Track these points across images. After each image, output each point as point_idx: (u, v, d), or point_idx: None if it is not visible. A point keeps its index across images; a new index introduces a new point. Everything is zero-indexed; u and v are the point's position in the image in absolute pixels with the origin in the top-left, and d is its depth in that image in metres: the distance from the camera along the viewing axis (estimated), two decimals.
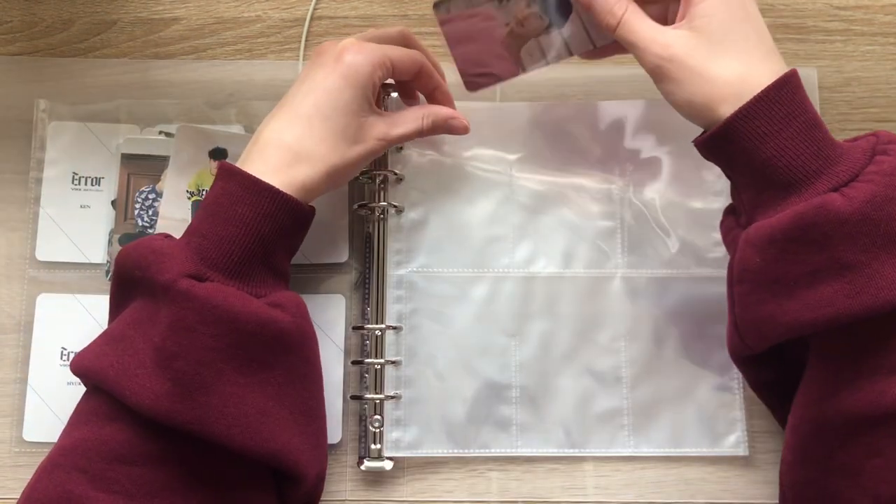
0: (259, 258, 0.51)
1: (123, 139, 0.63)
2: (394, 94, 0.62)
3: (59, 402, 0.59)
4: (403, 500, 0.59)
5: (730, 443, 0.59)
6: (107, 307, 0.53)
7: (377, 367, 0.60)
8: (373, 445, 0.59)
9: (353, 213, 0.63)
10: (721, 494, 0.59)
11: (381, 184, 0.62)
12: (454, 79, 0.59)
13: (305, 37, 0.66)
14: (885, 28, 0.66)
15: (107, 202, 0.63)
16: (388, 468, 0.59)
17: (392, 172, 0.62)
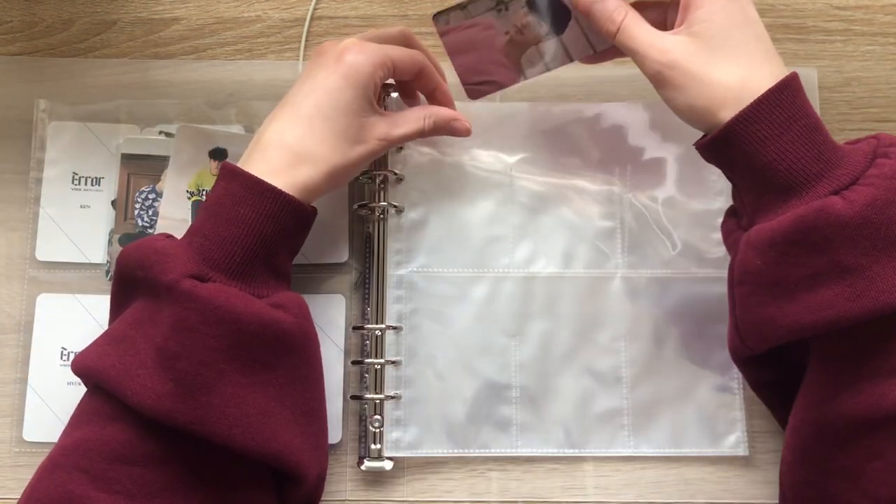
0: (261, 259, 0.51)
1: (123, 139, 0.63)
2: (394, 94, 0.62)
3: (59, 402, 0.59)
4: (403, 500, 0.59)
5: (730, 443, 0.60)
6: (107, 307, 0.53)
7: (377, 367, 0.60)
8: (373, 445, 0.59)
9: (354, 213, 0.63)
10: (721, 494, 0.59)
11: (381, 184, 0.62)
12: (454, 79, 0.59)
13: (305, 37, 0.66)
14: (885, 28, 0.66)
15: (107, 202, 0.63)
16: (388, 468, 0.59)
17: (392, 172, 0.62)
